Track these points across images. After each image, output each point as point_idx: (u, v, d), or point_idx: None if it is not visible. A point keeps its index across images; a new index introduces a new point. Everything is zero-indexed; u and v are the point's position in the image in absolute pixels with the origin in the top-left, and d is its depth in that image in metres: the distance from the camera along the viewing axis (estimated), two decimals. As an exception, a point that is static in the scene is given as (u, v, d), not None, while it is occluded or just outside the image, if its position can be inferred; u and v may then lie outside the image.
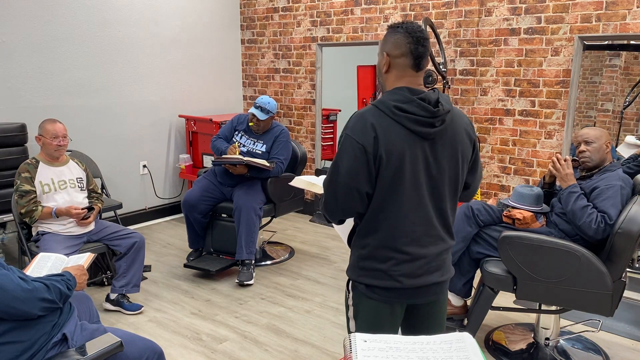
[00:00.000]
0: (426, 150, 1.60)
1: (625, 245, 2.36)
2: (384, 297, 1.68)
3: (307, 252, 4.37)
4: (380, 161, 1.57)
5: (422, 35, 1.62)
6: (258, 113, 3.82)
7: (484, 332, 3.06)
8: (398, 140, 1.56)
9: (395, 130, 1.57)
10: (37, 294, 1.77)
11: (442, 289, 1.74)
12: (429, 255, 1.66)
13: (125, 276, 3.26)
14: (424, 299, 1.72)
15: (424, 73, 1.67)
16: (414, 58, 1.62)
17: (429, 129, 1.58)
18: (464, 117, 1.70)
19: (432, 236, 1.66)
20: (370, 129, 1.56)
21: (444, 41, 4.31)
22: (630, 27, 3.52)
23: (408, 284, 1.65)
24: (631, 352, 2.88)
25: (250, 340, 3.00)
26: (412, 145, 1.58)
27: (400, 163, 1.57)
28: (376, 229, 1.65)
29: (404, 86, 1.62)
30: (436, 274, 1.69)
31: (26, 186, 3.07)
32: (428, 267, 1.67)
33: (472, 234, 2.79)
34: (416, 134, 1.58)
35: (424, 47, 1.62)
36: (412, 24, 1.65)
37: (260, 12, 5.55)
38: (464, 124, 1.68)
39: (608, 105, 3.86)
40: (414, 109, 1.56)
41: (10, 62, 4.03)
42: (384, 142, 1.55)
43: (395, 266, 1.64)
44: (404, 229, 1.63)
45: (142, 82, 4.92)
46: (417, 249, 1.64)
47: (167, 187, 5.35)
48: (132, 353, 1.93)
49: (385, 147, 1.55)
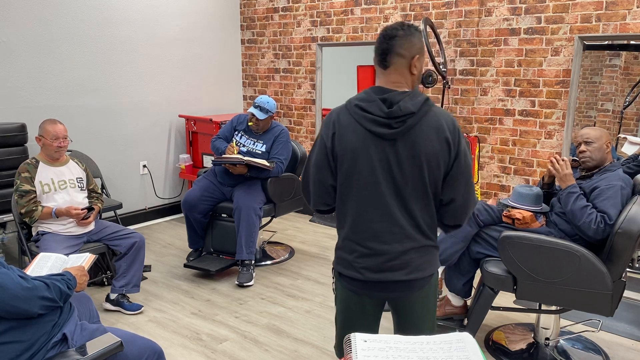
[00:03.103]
0: (387, 151, 1.63)
1: (625, 245, 2.36)
2: (350, 286, 1.76)
3: (307, 252, 4.37)
4: (336, 157, 1.67)
5: (387, 32, 1.66)
6: (257, 112, 3.82)
7: (484, 332, 3.06)
8: (354, 138, 1.64)
9: (353, 128, 1.64)
10: (37, 292, 1.77)
11: (409, 287, 1.72)
12: (391, 252, 1.68)
13: (125, 276, 3.26)
14: (388, 295, 1.76)
15: (397, 72, 1.66)
16: (378, 55, 1.68)
17: (386, 130, 1.61)
18: (443, 121, 1.64)
19: (396, 233, 1.67)
20: (331, 125, 1.68)
21: (444, 41, 4.31)
22: (630, 27, 3.52)
23: (370, 277, 1.70)
24: (631, 352, 2.88)
25: (250, 340, 3.00)
26: (369, 144, 1.63)
27: (354, 161, 1.65)
28: (343, 221, 1.74)
29: (376, 85, 1.68)
30: (400, 272, 1.69)
31: (26, 186, 3.07)
32: (390, 264, 1.68)
33: (472, 234, 2.79)
34: (372, 133, 1.62)
35: (386, 43, 1.65)
36: (393, 24, 1.69)
37: (260, 12, 5.55)
38: (438, 128, 1.62)
39: (608, 105, 3.86)
40: (373, 109, 1.61)
41: (10, 62, 4.03)
42: (340, 139, 1.65)
43: (358, 258, 1.71)
44: (364, 224, 1.69)
45: (142, 82, 4.92)
46: (379, 244, 1.68)
47: (167, 187, 5.35)
48: (132, 353, 1.94)
49: (341, 144, 1.65)
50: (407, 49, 1.65)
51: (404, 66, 1.66)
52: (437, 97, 4.39)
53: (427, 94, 4.49)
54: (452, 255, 2.78)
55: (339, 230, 1.78)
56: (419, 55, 1.67)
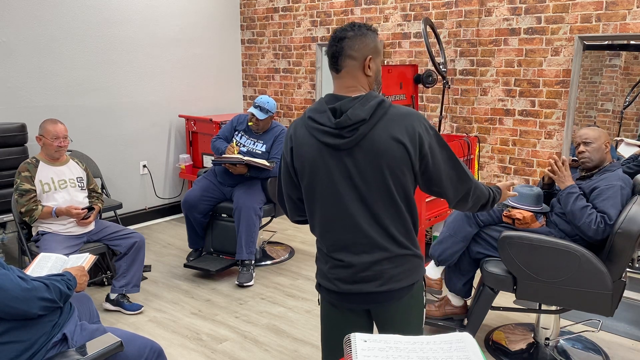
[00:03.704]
0: (344, 160, 1.55)
1: (625, 245, 2.36)
2: (329, 298, 1.73)
3: (307, 252, 4.37)
4: (296, 171, 1.64)
5: (336, 34, 1.58)
6: (257, 112, 3.82)
7: (484, 332, 3.06)
8: (310, 151, 1.58)
9: (308, 141, 1.59)
10: (37, 293, 1.77)
11: (383, 298, 1.64)
12: (360, 263, 1.60)
13: (125, 276, 3.26)
14: (363, 307, 1.70)
15: (350, 75, 1.58)
16: (329, 58, 1.61)
17: (338, 140, 1.53)
18: (397, 125, 1.53)
19: (364, 245, 1.60)
20: (289, 140, 1.64)
21: (444, 41, 4.31)
22: (630, 27, 3.52)
23: (343, 288, 1.65)
24: (631, 352, 2.88)
25: (250, 340, 3.00)
26: (325, 156, 1.56)
27: (313, 175, 1.60)
28: (314, 232, 1.71)
29: (330, 93, 1.61)
30: (372, 283, 1.61)
31: (26, 185, 3.07)
32: (361, 275, 1.61)
33: (472, 234, 2.79)
34: (327, 145, 1.55)
35: (335, 46, 1.57)
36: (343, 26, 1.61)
37: (260, 12, 5.55)
38: (394, 133, 1.52)
39: (608, 105, 3.86)
40: (323, 119, 1.55)
41: (10, 62, 4.03)
42: (297, 153, 1.61)
43: (331, 269, 1.67)
44: (331, 236, 1.64)
45: (142, 82, 4.92)
46: (348, 256, 1.62)
47: (167, 187, 5.35)
48: (131, 352, 1.94)
49: (298, 158, 1.61)
50: (359, 50, 1.56)
51: (357, 68, 1.57)
52: (437, 97, 4.39)
53: (427, 94, 4.49)
54: (452, 255, 2.78)
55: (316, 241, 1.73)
56: (372, 56, 1.58)
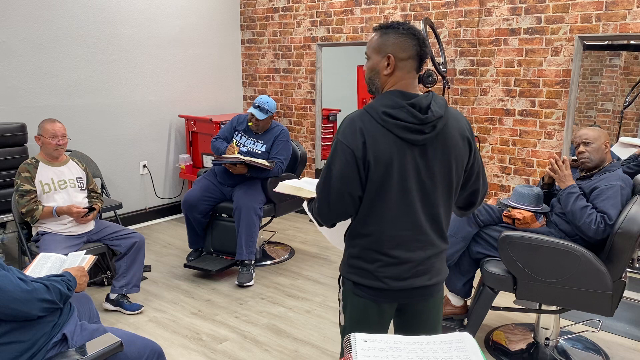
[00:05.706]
0: (416, 157, 1.59)
1: (625, 245, 2.36)
2: (370, 296, 1.70)
3: (307, 252, 4.37)
4: (369, 166, 1.58)
5: (424, 36, 1.65)
6: (257, 113, 3.82)
7: (484, 332, 3.06)
8: (386, 146, 1.57)
9: (384, 136, 1.57)
10: (37, 294, 1.77)
11: (430, 292, 1.73)
12: (416, 259, 1.66)
13: (125, 276, 3.26)
14: (411, 301, 1.73)
15: (411, 74, 1.65)
16: (419, 60, 1.63)
17: (418, 136, 1.57)
18: (460, 120, 1.67)
19: (421, 241, 1.66)
20: (359, 134, 1.57)
21: (444, 41, 4.31)
22: (630, 27, 3.52)
23: (393, 285, 1.66)
24: (631, 352, 2.88)
25: (250, 340, 3.00)
26: (401, 151, 1.58)
27: (388, 169, 1.58)
28: (365, 231, 1.67)
29: (396, 90, 1.61)
30: (423, 277, 1.68)
31: (26, 186, 3.07)
32: (415, 271, 1.67)
33: (472, 234, 2.79)
34: (405, 141, 1.57)
35: (425, 47, 1.64)
36: (408, 24, 1.64)
37: (260, 12, 5.55)
38: (460, 127, 1.65)
39: (608, 105, 3.86)
40: (403, 115, 1.56)
41: (10, 62, 4.03)
42: (372, 148, 1.57)
43: (381, 268, 1.66)
44: (391, 233, 1.64)
45: (142, 82, 4.92)
46: (404, 252, 1.65)
47: (167, 187, 5.35)
48: (131, 353, 1.94)
49: (373, 153, 1.57)
50: None
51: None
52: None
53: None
54: (452, 255, 2.78)
55: (355, 239, 1.70)
56: None
